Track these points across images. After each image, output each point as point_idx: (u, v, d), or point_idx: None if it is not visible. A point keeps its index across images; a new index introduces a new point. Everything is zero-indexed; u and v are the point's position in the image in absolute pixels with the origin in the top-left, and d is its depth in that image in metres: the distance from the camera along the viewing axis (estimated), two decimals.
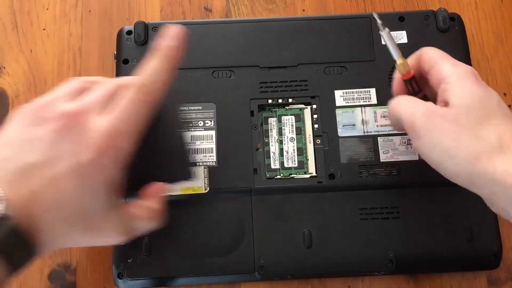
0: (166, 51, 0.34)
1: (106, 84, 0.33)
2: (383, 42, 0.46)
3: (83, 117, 0.30)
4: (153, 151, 0.35)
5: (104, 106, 0.31)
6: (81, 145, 0.29)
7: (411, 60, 0.38)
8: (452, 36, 0.46)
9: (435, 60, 0.37)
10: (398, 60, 0.38)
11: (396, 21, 0.47)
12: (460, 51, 0.46)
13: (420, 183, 0.42)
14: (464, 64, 0.36)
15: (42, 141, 0.29)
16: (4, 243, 0.27)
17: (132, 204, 0.34)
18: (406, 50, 0.46)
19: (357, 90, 0.45)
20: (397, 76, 0.39)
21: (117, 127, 0.30)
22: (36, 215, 0.28)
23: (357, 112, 0.44)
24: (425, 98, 0.37)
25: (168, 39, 0.34)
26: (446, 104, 0.34)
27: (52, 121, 0.30)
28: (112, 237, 0.32)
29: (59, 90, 0.33)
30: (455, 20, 0.47)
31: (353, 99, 0.44)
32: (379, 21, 0.39)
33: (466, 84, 0.34)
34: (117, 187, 0.31)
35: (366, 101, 0.44)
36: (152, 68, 0.33)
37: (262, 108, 0.44)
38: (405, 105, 0.36)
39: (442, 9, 0.47)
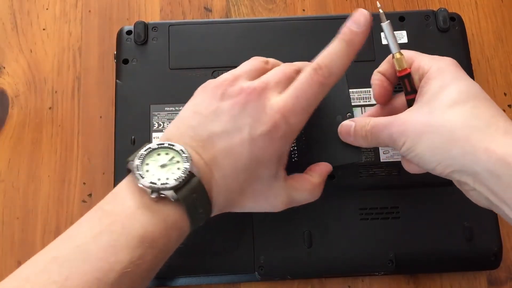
0: (349, 36, 0.35)
1: (284, 66, 0.36)
2: (382, 37, 0.45)
3: (262, 94, 0.33)
4: (322, 132, 0.38)
5: (281, 85, 0.34)
6: (258, 119, 0.32)
7: (384, 65, 0.38)
8: (452, 36, 0.46)
9: (413, 58, 0.36)
10: (396, 54, 0.36)
11: (396, 21, 0.47)
12: (460, 51, 0.46)
13: (420, 183, 0.42)
14: (443, 57, 0.35)
15: (226, 114, 0.33)
16: (189, 197, 0.30)
17: (295, 176, 0.36)
18: (406, 50, 0.46)
19: (357, 90, 0.45)
20: (378, 78, 0.38)
21: (291, 105, 0.33)
22: (214, 178, 0.32)
23: (357, 112, 0.44)
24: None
25: (353, 24, 0.35)
26: (424, 98, 0.34)
27: (235, 96, 0.33)
28: (274, 205, 0.35)
29: (241, 68, 0.36)
30: (455, 20, 0.47)
31: (353, 99, 0.44)
32: (381, 11, 0.38)
33: (445, 77, 0.33)
34: (284, 160, 0.34)
35: (366, 101, 0.44)
36: (331, 51, 0.35)
37: None
38: (380, 124, 0.35)
39: (442, 9, 0.47)
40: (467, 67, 0.46)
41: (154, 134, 0.43)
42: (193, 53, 0.46)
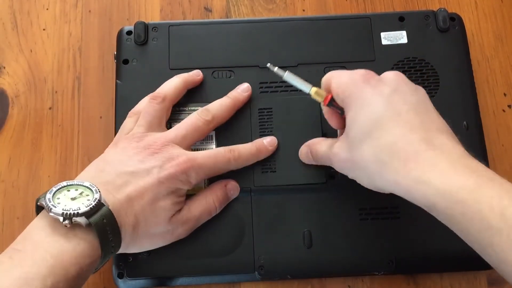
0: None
1: (195, 118, 0.41)
2: (382, 37, 0.46)
3: (169, 146, 0.38)
4: (292, 153, 0.43)
5: (189, 138, 0.40)
6: (164, 165, 0.37)
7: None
8: (452, 36, 0.46)
9: (329, 81, 0.37)
10: (311, 90, 0.39)
11: (396, 21, 0.47)
12: (460, 51, 0.46)
13: None
14: (353, 75, 0.36)
15: (135, 159, 0.37)
16: (100, 223, 0.32)
17: (197, 200, 0.40)
18: (406, 50, 0.46)
19: None
20: (324, 109, 0.40)
21: (194, 161, 0.38)
22: (124, 214, 0.34)
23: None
24: None
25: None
26: (345, 130, 0.36)
27: (146, 148, 0.38)
28: (174, 232, 0.39)
29: (145, 117, 0.41)
30: (455, 20, 0.47)
31: None
32: (275, 69, 0.40)
33: (355, 106, 0.35)
34: (182, 199, 0.39)
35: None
36: (252, 151, 0.42)
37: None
38: (324, 156, 0.39)
39: (442, 9, 0.47)
40: (467, 67, 0.46)
41: None
42: (193, 53, 0.46)
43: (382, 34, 0.46)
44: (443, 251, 0.41)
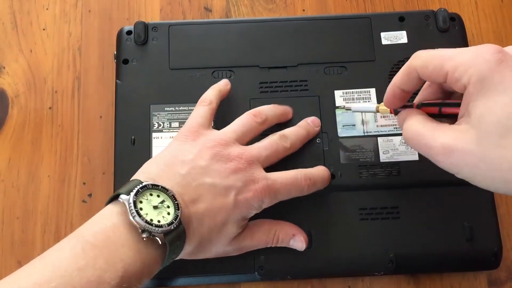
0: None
1: (276, 138, 0.40)
2: (383, 37, 0.46)
3: (252, 165, 0.37)
4: (298, 153, 0.43)
5: (270, 160, 0.39)
6: (245, 186, 0.36)
7: (400, 78, 0.34)
8: (452, 36, 0.46)
9: (443, 65, 0.31)
10: (377, 107, 0.39)
11: (396, 21, 0.47)
12: None
13: (420, 183, 0.42)
14: (481, 53, 0.29)
15: (216, 173, 0.36)
16: (174, 243, 0.32)
17: (258, 231, 0.40)
18: (406, 50, 0.46)
19: (357, 90, 0.45)
20: (393, 92, 0.35)
21: (273, 186, 0.37)
22: (194, 227, 0.34)
23: (357, 113, 0.44)
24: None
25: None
26: (472, 119, 0.29)
27: (226, 161, 0.36)
28: (228, 252, 0.38)
29: (234, 127, 0.40)
30: (455, 20, 0.47)
31: (353, 99, 0.44)
32: (344, 106, 0.43)
33: (490, 92, 0.28)
34: (247, 220, 0.38)
35: (366, 101, 0.44)
36: (320, 173, 0.41)
37: None
38: (419, 139, 0.32)
39: (442, 9, 0.47)
40: None
41: (154, 134, 0.43)
42: (193, 53, 0.46)
43: (382, 34, 0.46)
44: (443, 251, 0.41)
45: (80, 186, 0.46)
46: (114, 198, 0.33)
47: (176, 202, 0.33)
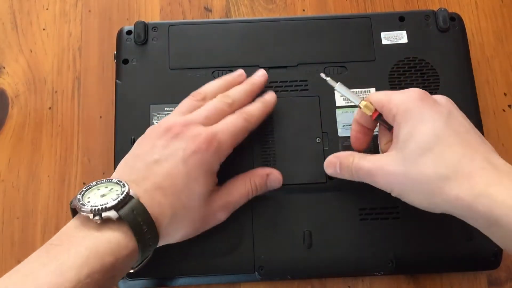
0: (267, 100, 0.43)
1: (217, 101, 0.40)
2: (383, 37, 0.46)
3: (192, 125, 0.38)
4: (293, 151, 0.43)
5: (212, 119, 0.39)
6: (189, 143, 0.37)
7: (358, 113, 0.40)
8: (452, 36, 0.46)
9: (382, 102, 0.38)
10: (360, 103, 0.39)
11: (396, 21, 0.47)
12: (460, 51, 0.46)
13: None
14: (409, 92, 0.37)
15: (160, 145, 0.37)
16: (130, 214, 0.32)
17: (232, 184, 0.40)
18: (406, 50, 0.46)
19: (357, 90, 0.45)
20: (354, 128, 0.41)
21: (220, 132, 0.38)
22: (156, 200, 0.34)
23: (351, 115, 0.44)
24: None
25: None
26: (398, 144, 0.36)
27: (166, 132, 0.37)
28: (213, 216, 0.39)
29: (175, 110, 0.41)
30: (455, 20, 0.47)
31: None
32: (327, 78, 0.41)
33: (412, 121, 0.35)
34: (214, 176, 0.38)
35: (360, 94, 0.44)
36: (259, 106, 0.42)
37: None
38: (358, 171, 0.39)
39: (442, 9, 0.47)
40: (467, 67, 0.46)
41: None
42: (193, 53, 0.46)
43: (382, 34, 0.46)
44: (443, 251, 0.41)
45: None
46: (72, 212, 0.34)
47: (121, 183, 0.34)
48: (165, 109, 0.44)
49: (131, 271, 0.35)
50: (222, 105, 0.40)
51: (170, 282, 0.41)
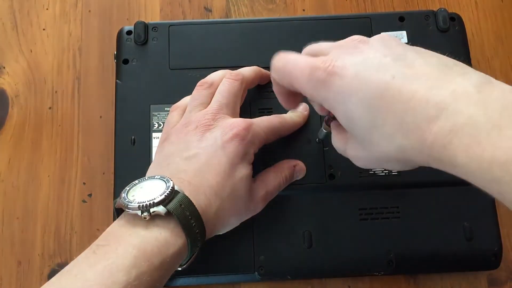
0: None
1: (224, 85, 0.40)
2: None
3: (218, 116, 0.38)
4: (294, 153, 0.43)
5: (229, 105, 0.39)
6: (224, 130, 0.36)
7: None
8: (452, 36, 0.46)
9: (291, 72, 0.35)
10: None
11: (396, 21, 0.47)
12: (460, 51, 0.46)
13: (420, 183, 0.42)
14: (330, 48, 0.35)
15: (194, 140, 0.36)
16: (178, 208, 0.31)
17: (266, 174, 0.40)
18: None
19: None
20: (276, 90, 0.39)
21: (252, 124, 0.37)
22: (201, 190, 0.34)
23: None
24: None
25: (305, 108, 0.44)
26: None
27: (196, 127, 0.37)
28: (254, 206, 0.38)
29: (190, 103, 0.40)
30: (455, 20, 0.47)
31: None
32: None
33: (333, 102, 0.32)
34: (252, 167, 0.38)
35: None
36: (292, 116, 0.43)
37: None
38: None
39: (442, 9, 0.47)
40: None
41: (154, 134, 0.43)
42: (193, 53, 0.46)
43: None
44: (443, 251, 0.41)
45: (80, 186, 0.46)
46: (117, 211, 0.33)
47: (165, 179, 0.33)
48: (165, 109, 0.44)
49: (179, 269, 0.34)
50: (234, 84, 0.40)
51: (170, 282, 0.41)
